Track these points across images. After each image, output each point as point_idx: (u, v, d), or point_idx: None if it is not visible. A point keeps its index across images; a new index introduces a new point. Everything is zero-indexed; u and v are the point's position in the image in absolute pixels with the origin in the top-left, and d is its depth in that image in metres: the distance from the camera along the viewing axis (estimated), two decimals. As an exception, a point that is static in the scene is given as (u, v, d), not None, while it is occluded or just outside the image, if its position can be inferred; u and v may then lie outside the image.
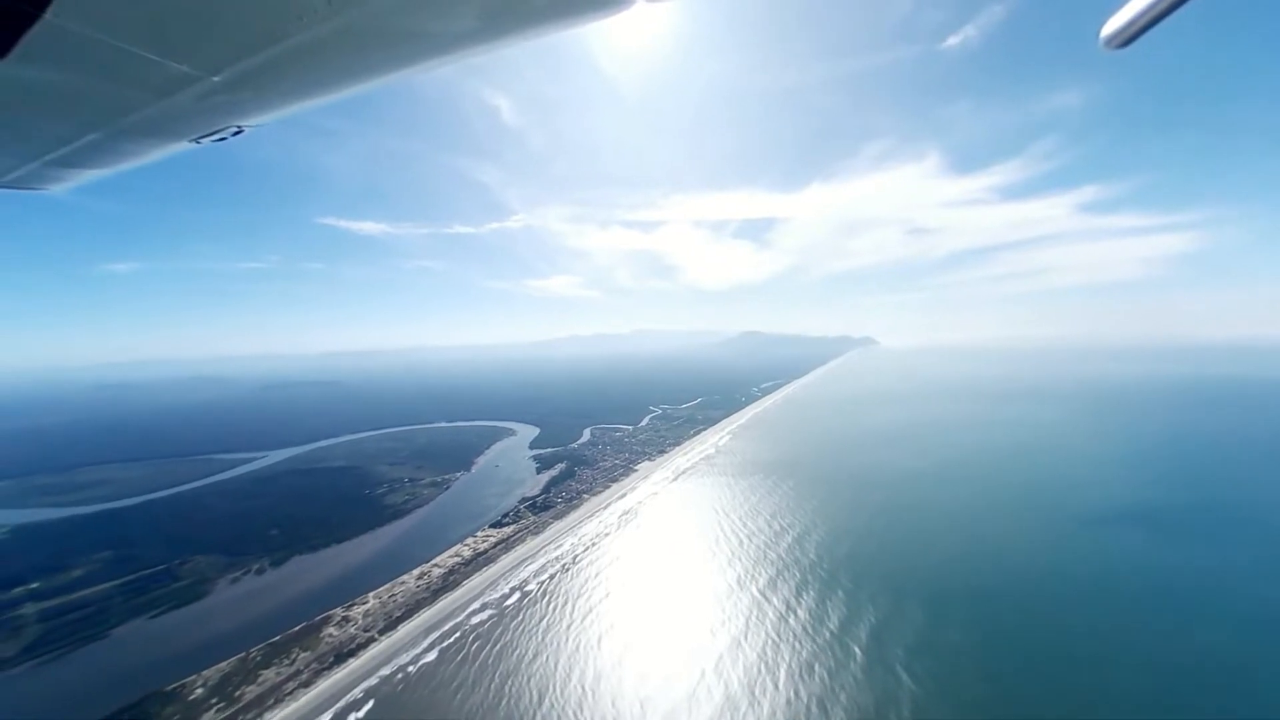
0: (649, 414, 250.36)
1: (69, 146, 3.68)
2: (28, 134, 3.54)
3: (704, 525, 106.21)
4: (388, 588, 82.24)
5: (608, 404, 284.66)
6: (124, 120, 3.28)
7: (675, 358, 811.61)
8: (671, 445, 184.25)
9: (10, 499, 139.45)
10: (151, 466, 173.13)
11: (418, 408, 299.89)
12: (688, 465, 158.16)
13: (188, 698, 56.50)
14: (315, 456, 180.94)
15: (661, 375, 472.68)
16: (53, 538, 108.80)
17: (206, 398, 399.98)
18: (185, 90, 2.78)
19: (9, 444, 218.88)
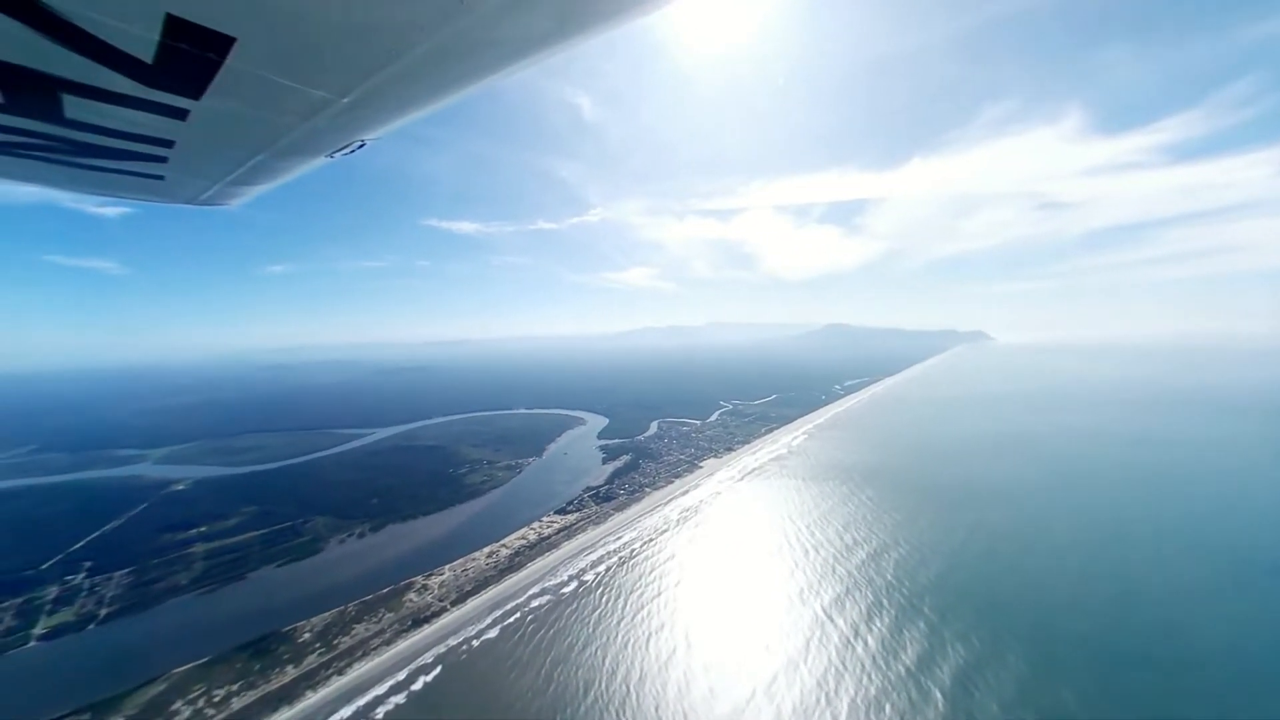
0: (718, 409, 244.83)
1: (242, 168, 4.39)
2: (216, 160, 4.25)
3: (768, 530, 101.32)
4: (461, 562, 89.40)
5: (676, 397, 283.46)
6: (280, 143, 3.88)
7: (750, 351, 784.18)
8: (740, 443, 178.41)
9: (192, 457, 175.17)
10: (291, 437, 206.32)
11: (501, 394, 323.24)
12: (755, 465, 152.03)
13: (297, 640, 66.38)
14: (412, 435, 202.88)
15: (734, 369, 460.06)
16: (218, 491, 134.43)
17: (334, 380, 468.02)
18: (323, 112, 3.29)
19: (193, 414, 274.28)
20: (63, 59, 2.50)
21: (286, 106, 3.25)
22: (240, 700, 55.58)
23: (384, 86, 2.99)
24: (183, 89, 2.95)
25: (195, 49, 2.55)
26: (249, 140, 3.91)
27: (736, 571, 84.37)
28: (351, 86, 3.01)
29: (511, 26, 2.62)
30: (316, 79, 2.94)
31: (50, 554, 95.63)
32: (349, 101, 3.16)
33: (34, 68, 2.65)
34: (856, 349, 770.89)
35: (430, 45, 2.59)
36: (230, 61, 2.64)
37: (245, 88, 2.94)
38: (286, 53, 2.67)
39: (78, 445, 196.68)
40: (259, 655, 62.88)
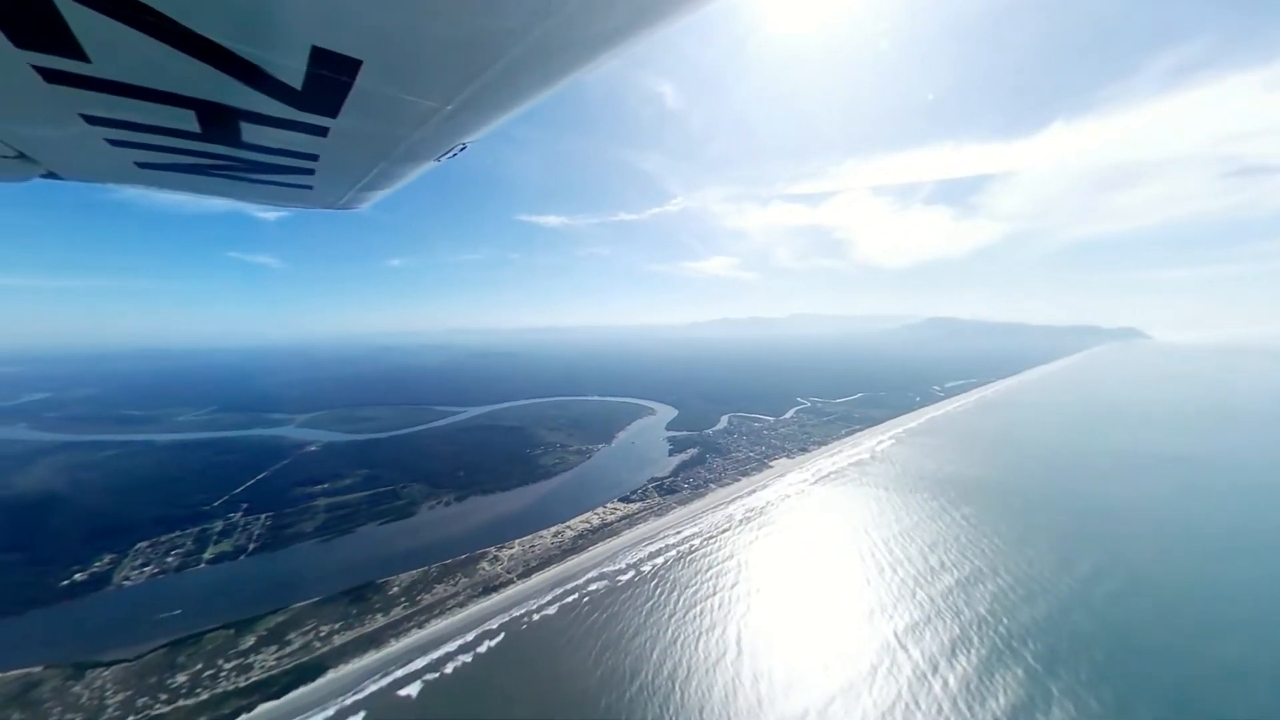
0: (795, 407, 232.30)
1: (369, 175, 5.04)
2: (349, 169, 4.87)
3: (840, 539, 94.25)
4: (529, 539, 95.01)
5: (750, 392, 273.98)
6: (397, 150, 4.33)
7: (836, 346, 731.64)
8: (816, 444, 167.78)
9: (323, 424, 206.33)
10: (399, 410, 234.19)
11: (578, 381, 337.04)
12: (832, 469, 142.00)
13: (388, 592, 75.40)
14: (497, 415, 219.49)
15: (816, 365, 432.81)
16: (340, 454, 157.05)
17: (436, 361, 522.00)
18: (430, 120, 3.62)
19: (326, 387, 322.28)
20: (242, 93, 3.10)
21: (401, 117, 3.62)
22: (339, 638, 64.70)
23: (481, 91, 3.21)
24: (324, 109, 3.43)
25: (332, 74, 2.94)
26: (373, 150, 4.42)
27: (800, 580, 79.66)
28: (454, 94, 3.28)
29: (596, 22, 2.76)
30: (425, 90, 3.23)
31: (219, 494, 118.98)
32: (452, 108, 3.45)
33: (223, 103, 3.31)
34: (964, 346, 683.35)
35: (521, 48, 2.72)
36: (358, 82, 3.03)
37: (369, 104, 3.33)
38: (401, 69, 2.98)
39: (243, 408, 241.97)
40: (357, 601, 72.59)
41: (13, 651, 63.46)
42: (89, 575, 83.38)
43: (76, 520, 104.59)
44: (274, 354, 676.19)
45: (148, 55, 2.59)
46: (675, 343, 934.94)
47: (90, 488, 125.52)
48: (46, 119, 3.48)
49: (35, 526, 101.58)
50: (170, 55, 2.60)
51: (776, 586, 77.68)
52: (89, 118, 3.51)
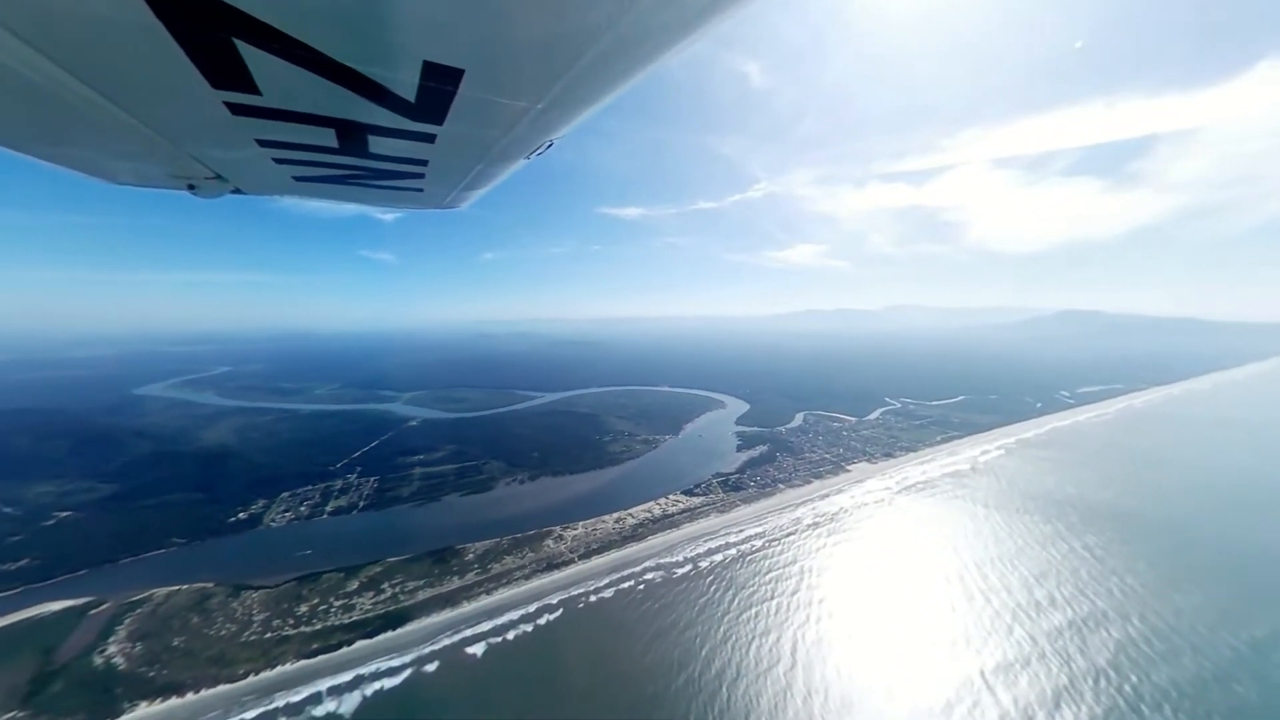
0: (882, 407, 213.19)
1: (469, 176, 5.44)
2: (453, 172, 5.29)
3: (923, 555, 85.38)
4: (592, 522, 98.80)
5: (831, 389, 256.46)
6: (492, 151, 4.59)
7: (938, 342, 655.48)
8: (904, 449, 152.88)
9: (423, 401, 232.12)
10: (486, 393, 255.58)
11: (650, 371, 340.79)
12: (922, 478, 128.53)
13: (464, 557, 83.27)
14: (571, 401, 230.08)
15: (912, 362, 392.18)
16: (435, 429, 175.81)
17: (521, 349, 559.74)
18: (522, 120, 3.78)
19: (428, 369, 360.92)
20: (369, 110, 3.48)
21: (497, 119, 3.82)
22: (422, 594, 73.03)
23: (568, 88, 3.31)
24: (433, 118, 3.69)
25: (439, 84, 3.17)
26: (473, 152, 4.68)
27: (871, 596, 73.59)
28: (544, 93, 3.39)
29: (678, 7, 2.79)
30: (517, 91, 3.38)
31: (341, 457, 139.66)
32: (542, 106, 3.58)
33: (355, 119, 3.72)
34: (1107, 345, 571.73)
35: (606, 41, 2.78)
36: (461, 89, 3.23)
37: (470, 109, 3.55)
38: (497, 73, 3.14)
39: (363, 385, 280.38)
40: (438, 563, 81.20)
41: (194, 569, 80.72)
42: (248, 515, 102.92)
43: (243, 470, 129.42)
44: (389, 339, 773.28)
45: (301, 84, 3.06)
46: (753, 335, 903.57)
47: (254, 445, 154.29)
48: (233, 144, 4.25)
49: (215, 472, 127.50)
50: (317, 83, 3.04)
51: (843, 599, 72.61)
52: (261, 141, 4.18)
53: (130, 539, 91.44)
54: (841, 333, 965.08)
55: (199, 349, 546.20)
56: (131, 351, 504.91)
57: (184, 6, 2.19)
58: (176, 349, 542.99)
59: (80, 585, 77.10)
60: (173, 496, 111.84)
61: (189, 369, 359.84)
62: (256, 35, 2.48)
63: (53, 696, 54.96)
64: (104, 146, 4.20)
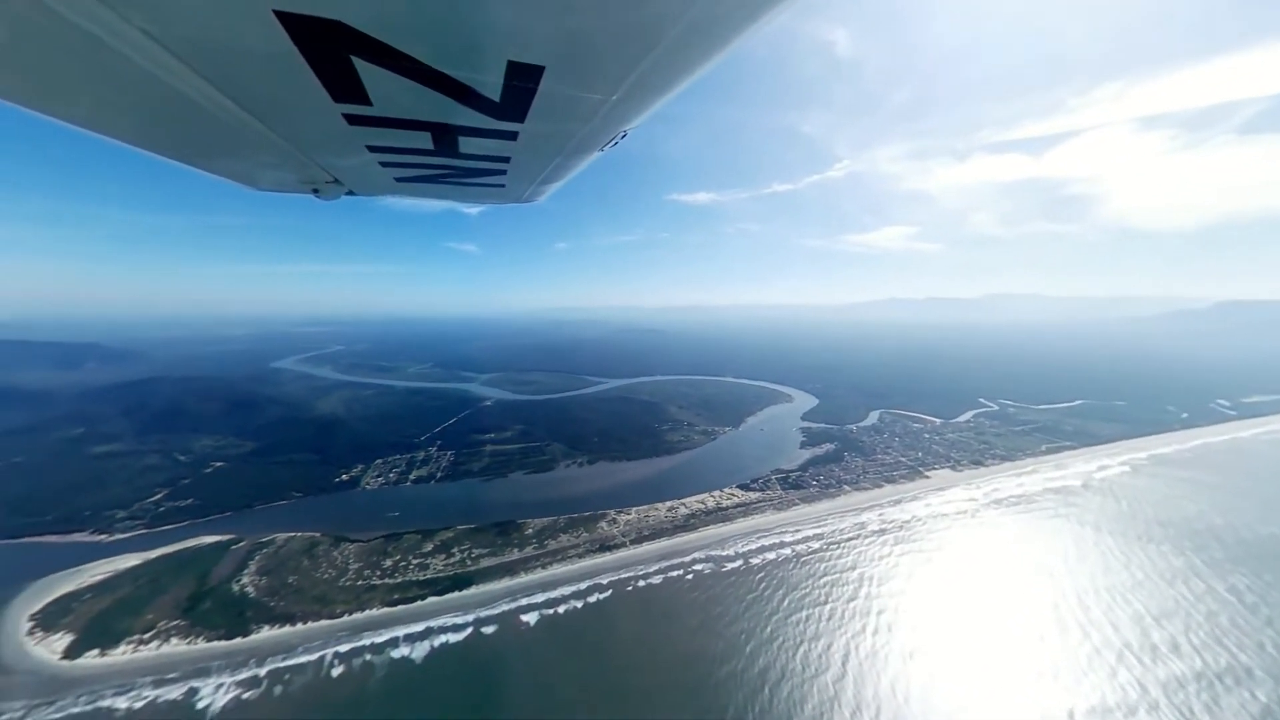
0: (974, 409, 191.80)
1: (547, 170, 5.64)
2: (532, 167, 5.49)
3: (1009, 577, 76.45)
4: (645, 509, 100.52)
5: (914, 386, 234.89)
6: (569, 145, 4.74)
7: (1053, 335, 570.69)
8: (998, 458, 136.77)
9: (497, 383, 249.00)
10: (554, 377, 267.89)
11: (714, 360, 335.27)
12: (1017, 492, 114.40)
13: (524, 531, 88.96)
14: (633, 389, 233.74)
15: (1017, 358, 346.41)
16: (506, 410, 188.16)
17: (589, 335, 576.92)
18: (598, 113, 3.89)
19: (504, 353, 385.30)
20: (460, 112, 3.74)
21: (574, 113, 3.92)
22: (485, 561, 79.41)
23: (643, 77, 3.33)
24: (515, 116, 3.88)
25: (522, 83, 3.32)
26: (551, 147, 4.81)
27: (940, 613, 67.45)
28: (619, 84, 3.43)
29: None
30: (594, 84, 3.44)
31: (425, 431, 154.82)
32: (617, 98, 3.62)
33: (447, 122, 4.01)
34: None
35: (681, 26, 2.77)
36: (541, 86, 3.36)
37: (549, 105, 3.68)
38: (575, 68, 3.22)
39: (447, 366, 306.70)
40: (500, 534, 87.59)
41: (307, 519, 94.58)
42: (349, 477, 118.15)
43: (348, 437, 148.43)
44: (471, 324, 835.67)
45: (403, 93, 3.35)
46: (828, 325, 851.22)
47: (357, 415, 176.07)
48: (348, 151, 4.78)
49: (326, 438, 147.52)
50: (417, 90, 3.31)
51: (907, 613, 67.36)
52: (370, 147, 4.63)
53: (263, 489, 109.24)
54: (931, 324, 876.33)
55: (319, 330, 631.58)
56: (270, 331, 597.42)
57: (316, 32, 2.53)
58: (303, 330, 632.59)
59: (226, 524, 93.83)
60: (295, 456, 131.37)
61: (311, 347, 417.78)
62: (370, 51, 2.76)
63: (204, 612, 67.92)
64: (252, 158, 4.93)
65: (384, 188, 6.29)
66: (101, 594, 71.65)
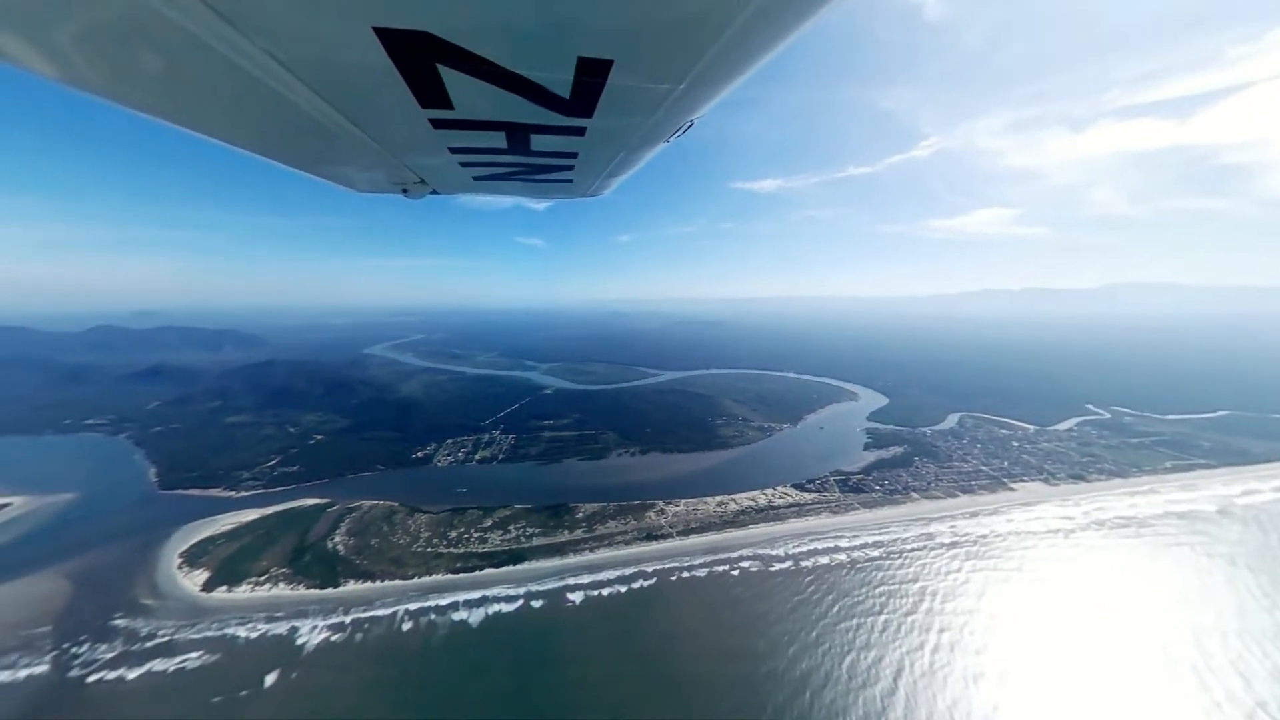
0: (1080, 416, 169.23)
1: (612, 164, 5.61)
2: (598, 161, 5.52)
3: (1107, 608, 67.21)
4: (693, 502, 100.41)
5: (1006, 387, 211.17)
6: (636, 136, 4.70)
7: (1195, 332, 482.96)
8: (1105, 473, 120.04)
9: (557, 373, 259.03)
10: (611, 368, 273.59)
11: (775, 355, 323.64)
12: (1128, 513, 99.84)
13: (575, 515, 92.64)
14: (688, 381, 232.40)
15: (1142, 358, 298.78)
16: (564, 398, 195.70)
17: (647, 327, 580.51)
18: (665, 103, 3.83)
19: (565, 344, 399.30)
20: (532, 111, 3.82)
21: (640, 105, 3.89)
22: (537, 540, 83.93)
23: (711, 65, 3.26)
24: (583, 112, 3.91)
25: (591, 78, 3.34)
26: (617, 140, 4.84)
27: (1015, 639, 60.98)
28: (686, 73, 3.37)
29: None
30: (661, 74, 3.39)
31: (490, 415, 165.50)
32: (684, 87, 3.56)
33: (520, 121, 4.11)
34: None
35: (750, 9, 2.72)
36: (609, 80, 3.37)
37: (616, 98, 3.69)
38: (642, 59, 3.19)
39: (512, 355, 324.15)
40: (553, 516, 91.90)
41: (388, 489, 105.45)
42: (424, 454, 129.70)
43: (423, 418, 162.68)
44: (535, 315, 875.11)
45: (481, 95, 3.49)
46: (907, 319, 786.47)
47: (432, 398, 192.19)
48: (433, 153, 5.02)
49: (406, 418, 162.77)
50: (494, 92, 3.43)
51: (974, 634, 61.69)
52: (451, 148, 4.85)
53: (353, 460, 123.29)
54: (1032, 318, 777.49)
55: (404, 319, 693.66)
56: (364, 320, 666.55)
57: (407, 44, 2.75)
58: (391, 319, 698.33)
59: (323, 489, 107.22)
60: (380, 433, 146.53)
61: (397, 335, 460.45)
62: (453, 58, 2.97)
63: (304, 564, 78.53)
64: (353, 162, 5.41)
65: (463, 186, 6.72)
66: (230, 540, 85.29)
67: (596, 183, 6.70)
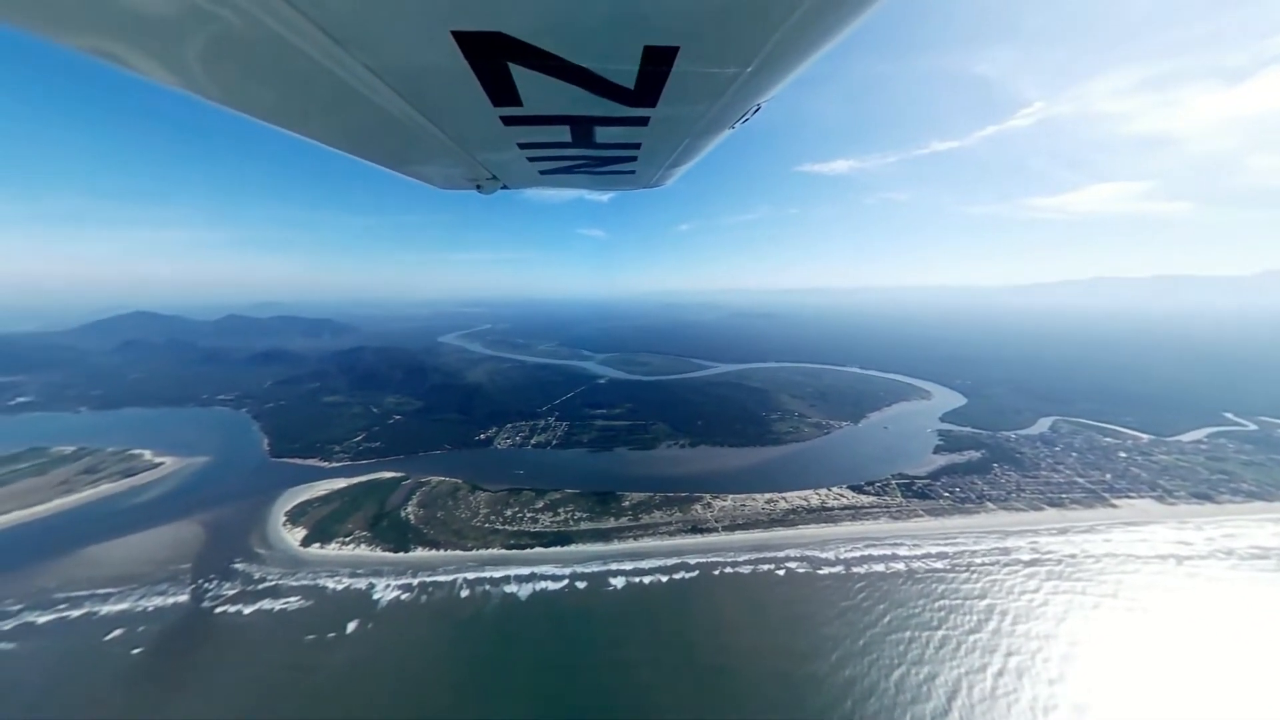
0: (1214, 426, 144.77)
1: (675, 153, 5.63)
2: (661, 151, 5.51)
3: (1223, 651, 57.70)
4: (742, 497, 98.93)
5: (1116, 390, 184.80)
6: (700, 124, 4.61)
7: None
8: (1245, 495, 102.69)
9: (612, 363, 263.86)
10: (665, 359, 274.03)
11: (838, 348, 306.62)
12: (1270, 543, 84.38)
13: (621, 503, 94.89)
14: (743, 375, 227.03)
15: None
16: (617, 388, 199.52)
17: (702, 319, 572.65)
18: (731, 87, 3.70)
19: (620, 334, 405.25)
20: (596, 104, 3.83)
21: (705, 91, 3.79)
22: (584, 524, 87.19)
23: (783, 43, 3.07)
24: (647, 101, 3.86)
25: (655, 67, 3.28)
26: (681, 129, 4.77)
27: (1102, 672, 54.17)
28: (754, 55, 3.21)
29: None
30: (728, 58, 3.26)
31: (546, 402, 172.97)
32: (751, 70, 3.41)
33: (585, 114, 4.15)
34: None
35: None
36: (675, 67, 3.30)
37: (681, 85, 3.59)
38: (709, 43, 3.06)
39: (570, 344, 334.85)
40: (600, 502, 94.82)
41: (453, 468, 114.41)
42: (485, 437, 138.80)
43: (487, 403, 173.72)
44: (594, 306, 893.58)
45: (549, 91, 3.53)
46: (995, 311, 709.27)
47: (495, 385, 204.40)
48: (503, 149, 5.15)
49: (471, 402, 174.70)
50: (560, 86, 3.46)
51: (1049, 661, 55.61)
52: (520, 144, 4.96)
53: (425, 440, 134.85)
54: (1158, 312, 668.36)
55: (474, 310, 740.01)
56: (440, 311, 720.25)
57: (481, 45, 2.87)
58: (463, 310, 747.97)
59: (399, 464, 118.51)
60: (448, 415, 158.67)
61: (468, 325, 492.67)
62: (523, 56, 3.03)
63: (381, 529, 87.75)
64: (433, 161, 5.64)
65: (531, 180, 6.91)
66: (323, 504, 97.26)
67: (659, 173, 6.73)
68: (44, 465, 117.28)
